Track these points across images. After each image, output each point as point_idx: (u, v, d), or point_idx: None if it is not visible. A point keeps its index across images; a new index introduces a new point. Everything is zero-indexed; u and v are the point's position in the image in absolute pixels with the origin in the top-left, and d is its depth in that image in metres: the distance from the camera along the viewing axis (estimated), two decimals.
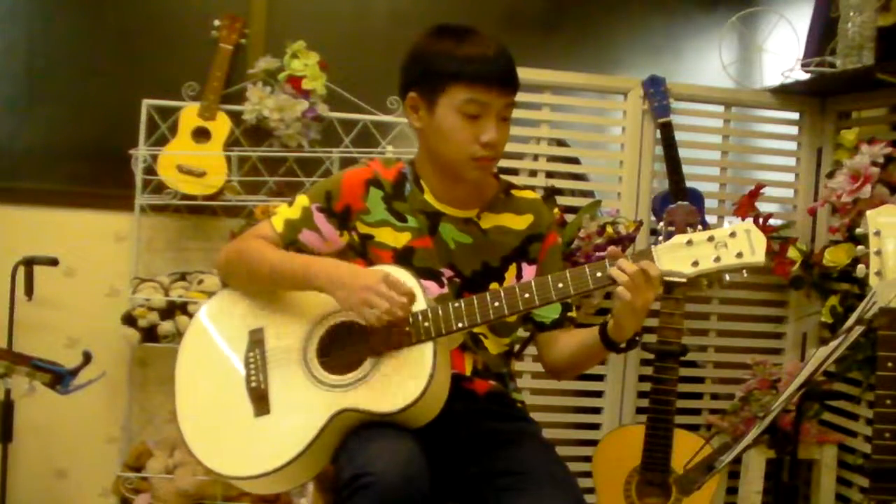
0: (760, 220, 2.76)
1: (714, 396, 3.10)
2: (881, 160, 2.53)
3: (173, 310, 2.80)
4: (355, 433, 1.65)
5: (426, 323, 1.68)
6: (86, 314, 2.98)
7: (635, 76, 2.97)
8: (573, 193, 2.99)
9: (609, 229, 2.76)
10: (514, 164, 2.91)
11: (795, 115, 3.11)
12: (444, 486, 1.72)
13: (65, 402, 2.62)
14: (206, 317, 1.86)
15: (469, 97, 1.73)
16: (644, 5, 3.43)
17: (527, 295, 1.68)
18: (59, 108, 3.06)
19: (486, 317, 1.69)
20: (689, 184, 2.87)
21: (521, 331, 1.95)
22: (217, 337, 1.83)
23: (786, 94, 3.05)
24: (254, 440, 1.70)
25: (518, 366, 2.78)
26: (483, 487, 1.73)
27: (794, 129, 3.12)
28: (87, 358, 2.51)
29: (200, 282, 2.84)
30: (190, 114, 2.91)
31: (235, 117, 2.95)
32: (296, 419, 1.68)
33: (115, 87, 3.06)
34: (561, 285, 1.67)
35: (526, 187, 1.99)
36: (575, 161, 3.07)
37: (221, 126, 2.91)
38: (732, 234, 1.64)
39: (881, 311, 1.52)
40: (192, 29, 3.03)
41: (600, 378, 2.97)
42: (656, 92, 2.90)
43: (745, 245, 1.63)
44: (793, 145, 3.13)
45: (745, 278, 2.91)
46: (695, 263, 1.64)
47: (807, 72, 2.88)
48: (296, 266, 1.76)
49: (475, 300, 1.70)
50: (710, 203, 3.02)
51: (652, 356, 2.39)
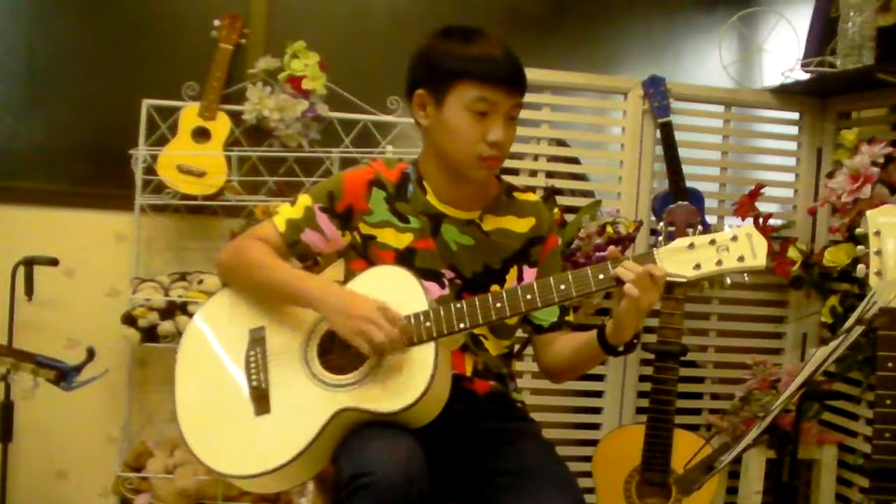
0: (760, 220, 2.76)
1: (714, 396, 3.10)
2: (881, 160, 2.53)
3: (173, 310, 2.80)
4: (356, 433, 1.65)
5: (427, 323, 1.67)
6: (86, 314, 2.98)
7: (635, 76, 2.97)
8: (573, 193, 2.99)
9: (609, 229, 2.75)
10: (514, 164, 2.91)
11: (795, 115, 3.11)
12: (444, 485, 1.72)
13: (65, 403, 2.62)
14: (207, 316, 1.86)
15: (479, 95, 1.74)
16: (644, 5, 3.43)
17: (529, 296, 1.68)
18: (59, 108, 3.06)
19: (487, 317, 1.69)
20: (689, 184, 2.87)
21: (520, 332, 1.95)
22: (217, 336, 1.83)
23: (786, 94, 3.05)
24: (254, 439, 1.70)
25: (518, 366, 2.77)
26: (483, 487, 1.73)
27: (794, 129, 3.12)
28: (91, 354, 2.50)
29: (200, 282, 2.84)
30: (190, 114, 2.90)
31: (235, 117, 2.95)
32: (296, 418, 1.68)
33: (115, 87, 3.05)
34: (563, 287, 1.67)
35: (527, 189, 2.00)
36: (575, 161, 3.07)
37: (221, 126, 2.91)
38: (734, 238, 1.64)
39: (881, 311, 1.52)
40: (192, 29, 3.03)
41: (600, 378, 2.97)
42: (656, 92, 2.90)
43: (746, 249, 1.63)
44: (793, 145, 3.13)
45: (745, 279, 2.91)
46: (697, 266, 1.64)
47: (807, 72, 2.88)
48: (291, 283, 1.75)
49: (477, 301, 1.70)
50: (710, 203, 3.02)
51: (652, 356, 2.39)
